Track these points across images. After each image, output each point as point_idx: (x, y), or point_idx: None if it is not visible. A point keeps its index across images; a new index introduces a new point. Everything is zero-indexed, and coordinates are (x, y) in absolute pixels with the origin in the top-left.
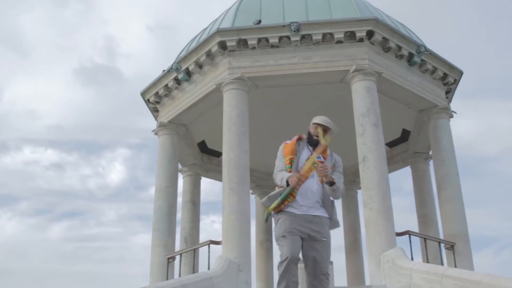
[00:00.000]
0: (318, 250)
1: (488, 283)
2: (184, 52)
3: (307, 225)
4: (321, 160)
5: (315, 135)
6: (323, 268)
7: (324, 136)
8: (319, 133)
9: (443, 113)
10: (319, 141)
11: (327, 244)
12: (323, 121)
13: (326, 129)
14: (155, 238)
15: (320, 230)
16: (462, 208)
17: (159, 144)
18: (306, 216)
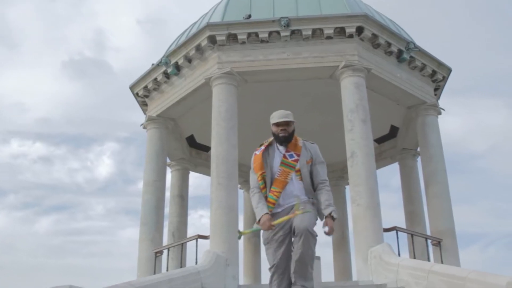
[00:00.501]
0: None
1: (474, 279)
2: (173, 46)
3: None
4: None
5: (279, 134)
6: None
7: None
8: (295, 208)
9: (432, 110)
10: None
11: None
12: (280, 117)
13: (287, 123)
14: (142, 232)
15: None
16: (449, 204)
17: (147, 138)
18: (287, 208)
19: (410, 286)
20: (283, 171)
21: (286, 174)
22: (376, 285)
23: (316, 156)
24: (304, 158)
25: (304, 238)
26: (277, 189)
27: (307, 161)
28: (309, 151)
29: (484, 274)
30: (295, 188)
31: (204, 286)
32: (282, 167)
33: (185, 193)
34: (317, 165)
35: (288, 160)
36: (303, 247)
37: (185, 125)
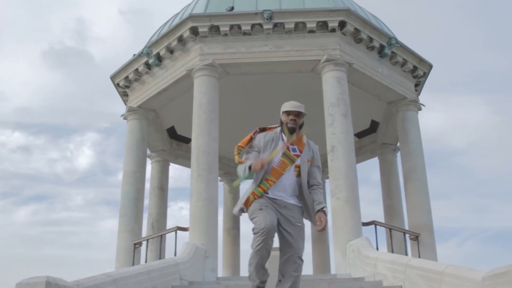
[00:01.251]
0: (293, 234)
1: (450, 273)
2: (155, 36)
3: (281, 210)
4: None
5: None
6: (298, 251)
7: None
8: (284, 130)
9: (412, 106)
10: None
11: (301, 230)
12: (293, 107)
13: (298, 114)
14: (121, 224)
15: (294, 215)
16: (427, 200)
17: (127, 129)
18: (280, 201)
19: (388, 279)
20: (283, 162)
21: (285, 166)
22: (354, 278)
23: (316, 157)
24: (306, 155)
25: (298, 265)
26: (273, 178)
27: (309, 159)
28: (311, 150)
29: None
30: (288, 182)
31: (183, 278)
32: (283, 158)
33: (165, 184)
34: (315, 167)
35: (291, 153)
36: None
37: (166, 116)
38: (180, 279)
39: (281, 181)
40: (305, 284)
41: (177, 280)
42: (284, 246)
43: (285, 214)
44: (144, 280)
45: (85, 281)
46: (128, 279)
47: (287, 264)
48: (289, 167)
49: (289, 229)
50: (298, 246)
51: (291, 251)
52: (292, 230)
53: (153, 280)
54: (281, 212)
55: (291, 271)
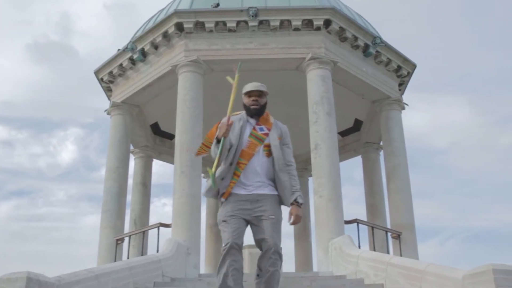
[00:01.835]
0: (267, 229)
1: (431, 272)
2: (140, 32)
3: (252, 206)
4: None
5: (249, 105)
6: (273, 246)
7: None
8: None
9: (395, 105)
10: (257, 110)
11: (276, 222)
12: (253, 87)
13: (259, 94)
14: (104, 219)
15: (266, 208)
16: (409, 199)
17: (111, 124)
18: (252, 195)
19: (369, 277)
20: (251, 143)
21: (254, 146)
22: (336, 276)
23: (285, 137)
24: (274, 133)
25: (275, 260)
26: (243, 160)
27: (278, 137)
28: (279, 129)
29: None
30: (259, 164)
31: (165, 275)
32: (251, 138)
33: (148, 180)
34: (284, 145)
35: (258, 132)
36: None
37: (150, 112)
38: (162, 276)
39: (251, 164)
40: (287, 282)
41: (159, 277)
42: (259, 241)
43: (257, 209)
44: (126, 276)
45: (66, 277)
46: (110, 275)
47: (263, 259)
48: (259, 147)
49: (262, 224)
50: (273, 240)
51: (266, 246)
52: (265, 225)
53: (135, 276)
54: (252, 208)
55: (267, 266)
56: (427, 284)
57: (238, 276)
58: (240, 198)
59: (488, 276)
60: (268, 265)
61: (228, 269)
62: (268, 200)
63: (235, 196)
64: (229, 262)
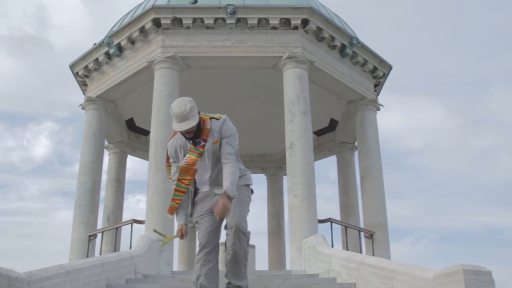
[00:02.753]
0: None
1: (403, 271)
2: (116, 26)
3: (213, 198)
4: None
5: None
6: (234, 225)
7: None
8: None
9: (371, 105)
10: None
11: (238, 201)
12: (178, 127)
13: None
14: (76, 215)
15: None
16: (383, 199)
17: (85, 119)
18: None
19: (342, 276)
20: (189, 158)
21: (193, 162)
22: (309, 275)
23: (224, 131)
24: (210, 140)
25: (235, 237)
26: (185, 176)
27: (214, 141)
28: (215, 132)
29: (413, 267)
30: (208, 176)
31: (138, 271)
32: (189, 154)
33: (122, 176)
34: (223, 140)
35: (195, 146)
36: (234, 246)
37: (125, 107)
38: (134, 272)
39: (201, 177)
40: (260, 280)
41: (132, 273)
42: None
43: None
44: (98, 273)
45: (37, 273)
46: (82, 271)
47: (227, 237)
48: (198, 161)
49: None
50: (235, 219)
51: (229, 225)
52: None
53: (107, 273)
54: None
55: (230, 244)
56: (399, 284)
57: (212, 275)
58: (203, 195)
59: (459, 276)
60: (231, 243)
61: (201, 269)
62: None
63: (200, 194)
64: (202, 262)
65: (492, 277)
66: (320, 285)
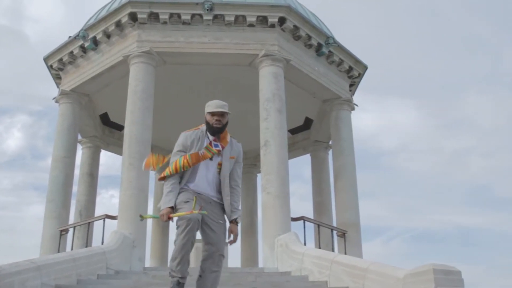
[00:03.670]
0: (216, 231)
1: (374, 270)
2: (92, 20)
3: (206, 205)
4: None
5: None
6: (219, 249)
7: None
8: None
9: (346, 105)
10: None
11: (223, 226)
12: (217, 107)
13: (222, 114)
14: (48, 209)
15: (217, 212)
16: (356, 198)
17: (59, 113)
18: (206, 197)
19: (314, 275)
20: (204, 154)
21: (205, 158)
22: (281, 272)
23: (238, 156)
24: (228, 152)
25: (218, 262)
26: (190, 160)
27: (231, 156)
28: (234, 149)
29: (384, 266)
30: (211, 177)
31: (109, 267)
32: (205, 150)
33: (95, 171)
34: (237, 164)
35: (212, 148)
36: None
37: (100, 102)
38: (106, 268)
39: (205, 175)
40: (232, 277)
41: (103, 269)
42: (207, 242)
43: (210, 210)
44: (69, 268)
45: (7, 268)
46: (53, 266)
47: (208, 260)
48: (208, 159)
49: (213, 226)
50: (220, 243)
51: (212, 248)
52: (215, 227)
53: (78, 268)
54: (206, 207)
55: (212, 267)
56: (370, 282)
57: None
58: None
59: (429, 275)
60: (213, 267)
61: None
62: (217, 206)
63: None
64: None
65: (461, 276)
66: (292, 283)
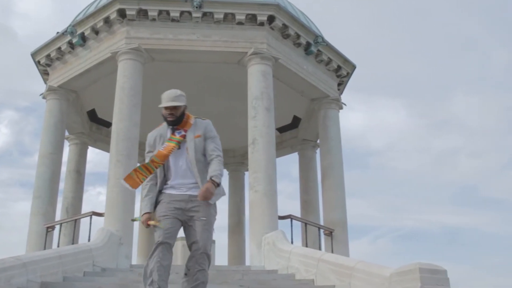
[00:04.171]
0: (198, 231)
1: (361, 269)
2: (81, 16)
3: (186, 205)
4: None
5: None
6: (202, 247)
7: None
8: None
9: (334, 104)
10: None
11: (207, 224)
12: (167, 102)
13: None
14: (34, 206)
15: (199, 209)
16: (343, 196)
17: (46, 109)
18: (184, 196)
19: (300, 273)
20: (168, 145)
21: (170, 149)
22: (268, 270)
23: (205, 131)
24: (191, 133)
25: (202, 261)
26: (158, 160)
27: (196, 135)
28: (198, 127)
29: (370, 265)
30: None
31: (96, 264)
32: (168, 142)
33: (82, 168)
34: (208, 139)
35: (175, 136)
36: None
37: (87, 98)
38: (93, 265)
39: (178, 168)
40: (219, 275)
41: (90, 266)
42: (190, 241)
43: (190, 208)
44: (55, 265)
45: None
46: (39, 263)
47: (192, 259)
48: (176, 149)
49: (194, 225)
50: (203, 241)
51: (195, 247)
52: (197, 225)
53: (64, 265)
54: (185, 208)
55: (196, 266)
56: (356, 281)
57: (163, 273)
58: (174, 198)
59: (415, 274)
60: (196, 266)
61: (155, 265)
62: (200, 202)
63: (169, 196)
64: (156, 259)
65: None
66: (278, 281)
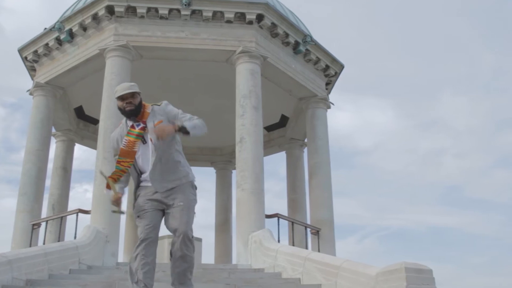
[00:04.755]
0: (176, 216)
1: (347, 268)
2: (69, 12)
3: (162, 196)
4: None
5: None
6: (182, 232)
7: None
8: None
9: (322, 103)
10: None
11: (185, 208)
12: (124, 90)
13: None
14: (20, 203)
15: (176, 196)
16: (330, 196)
17: (33, 105)
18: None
19: (287, 272)
20: (128, 141)
21: (132, 143)
22: (254, 269)
23: (167, 112)
24: (151, 122)
25: (183, 245)
26: (125, 159)
27: (156, 123)
28: (157, 113)
29: (356, 264)
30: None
31: (82, 262)
32: (128, 136)
33: (69, 165)
34: (174, 116)
35: (135, 129)
36: (181, 254)
37: (75, 95)
38: (79, 263)
39: (146, 161)
40: (206, 273)
41: (76, 264)
42: (171, 229)
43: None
44: (41, 263)
45: None
46: (24, 260)
47: (175, 244)
48: (137, 143)
49: (172, 211)
50: (183, 226)
51: (176, 233)
52: (176, 211)
53: (50, 263)
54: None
55: (178, 252)
56: (342, 280)
57: (148, 270)
58: (149, 190)
59: (400, 273)
60: (177, 252)
61: (139, 263)
62: (179, 189)
63: (145, 189)
64: (140, 256)
65: (433, 275)
66: (265, 279)
